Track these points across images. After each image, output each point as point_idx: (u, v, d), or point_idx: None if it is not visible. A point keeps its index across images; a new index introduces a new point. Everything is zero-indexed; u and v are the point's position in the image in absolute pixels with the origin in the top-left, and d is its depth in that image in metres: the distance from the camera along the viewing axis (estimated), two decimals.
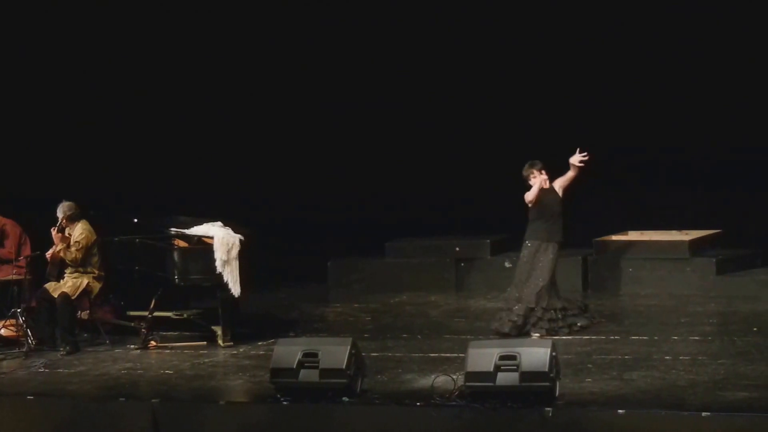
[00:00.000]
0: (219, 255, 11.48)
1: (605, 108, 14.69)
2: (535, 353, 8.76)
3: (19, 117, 15.73)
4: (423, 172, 15.03)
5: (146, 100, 15.91)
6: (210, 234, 11.68)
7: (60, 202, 11.74)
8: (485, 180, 14.35)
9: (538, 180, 11.27)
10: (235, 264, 11.52)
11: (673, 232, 14.21)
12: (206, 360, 11.01)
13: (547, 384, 8.68)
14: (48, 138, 15.79)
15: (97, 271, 11.76)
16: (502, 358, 8.75)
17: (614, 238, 14.27)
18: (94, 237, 11.76)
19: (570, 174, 11.38)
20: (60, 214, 11.68)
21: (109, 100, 15.93)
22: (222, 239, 11.54)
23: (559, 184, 11.43)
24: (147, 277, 11.88)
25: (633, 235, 14.34)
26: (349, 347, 9.19)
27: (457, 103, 15.24)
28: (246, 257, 11.60)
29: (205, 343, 11.62)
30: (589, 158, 11.20)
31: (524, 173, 11.34)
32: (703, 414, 8.29)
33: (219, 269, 11.45)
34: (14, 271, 12.03)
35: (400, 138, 15.34)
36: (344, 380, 9.11)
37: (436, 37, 15.26)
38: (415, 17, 15.22)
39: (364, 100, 15.47)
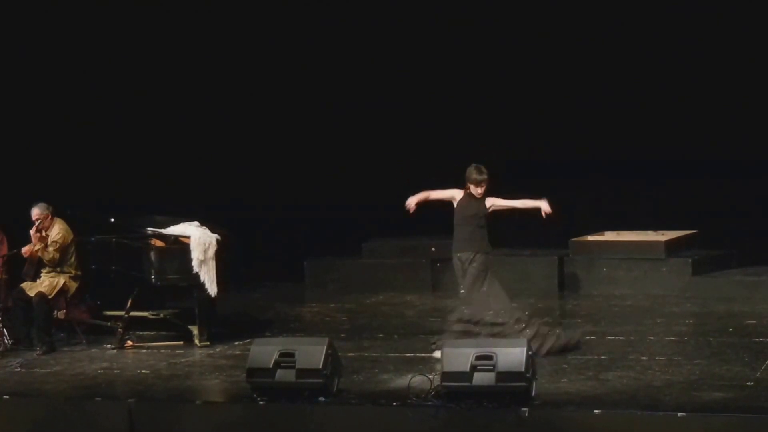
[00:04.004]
0: (196, 255, 11.46)
1: (583, 109, 14.75)
2: (512, 353, 8.78)
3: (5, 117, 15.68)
4: (399, 172, 15.03)
5: (124, 99, 15.87)
6: (187, 234, 11.66)
7: (37, 201, 11.72)
8: (461, 180, 14.37)
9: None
10: (212, 264, 11.51)
11: (649, 232, 14.27)
12: (183, 360, 10.99)
13: (524, 384, 8.70)
14: (26, 137, 15.74)
15: (73, 271, 11.73)
16: (478, 358, 8.77)
17: (590, 238, 14.32)
18: (71, 236, 11.73)
19: (517, 206, 10.60)
20: (35, 215, 11.63)
21: (86, 99, 15.89)
22: (199, 239, 11.53)
23: (493, 202, 10.54)
24: (123, 277, 11.86)
25: (609, 236, 14.40)
26: (325, 347, 9.20)
27: (433, 105, 15.26)
28: (222, 257, 11.60)
29: (181, 342, 11.60)
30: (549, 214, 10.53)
31: (479, 178, 10.46)
32: (679, 414, 8.32)
33: (196, 269, 11.43)
34: None
35: (376, 138, 15.35)
36: (320, 380, 9.12)
37: (417, 39, 15.28)
38: (403, 18, 15.24)
39: (341, 102, 15.47)
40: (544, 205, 10.57)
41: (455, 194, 10.63)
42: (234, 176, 15.65)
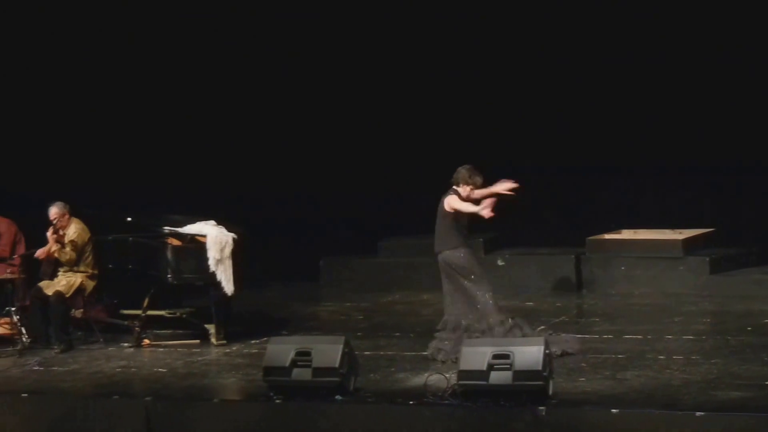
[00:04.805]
0: (212, 254, 11.48)
1: (598, 106, 14.71)
2: (529, 352, 8.76)
3: (15, 114, 15.73)
4: (415, 170, 15.03)
5: (138, 99, 15.90)
6: (203, 233, 11.68)
7: (54, 200, 11.76)
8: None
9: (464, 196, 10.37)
10: (228, 263, 11.53)
11: (667, 230, 14.21)
12: (199, 358, 11.01)
13: (541, 383, 8.69)
14: (43, 136, 15.79)
15: (90, 270, 11.77)
16: (495, 356, 8.75)
17: (607, 236, 14.27)
18: (88, 235, 11.77)
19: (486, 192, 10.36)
20: (53, 214, 11.67)
21: (102, 98, 15.93)
22: (215, 238, 11.54)
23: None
24: (140, 276, 11.88)
25: (626, 234, 14.35)
26: (341, 346, 9.20)
27: (450, 102, 15.25)
28: (239, 256, 11.60)
29: (198, 341, 11.63)
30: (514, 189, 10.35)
31: (470, 179, 10.36)
32: (697, 414, 8.28)
33: (212, 268, 11.45)
34: (8, 269, 12.04)
35: (392, 136, 15.34)
36: (337, 379, 9.12)
37: (434, 37, 15.26)
38: (418, 13, 15.23)
39: (355, 99, 15.45)
40: (503, 186, 10.35)
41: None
42: (250, 175, 15.65)
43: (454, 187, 10.49)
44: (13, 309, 11.62)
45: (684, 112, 14.52)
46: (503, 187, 10.38)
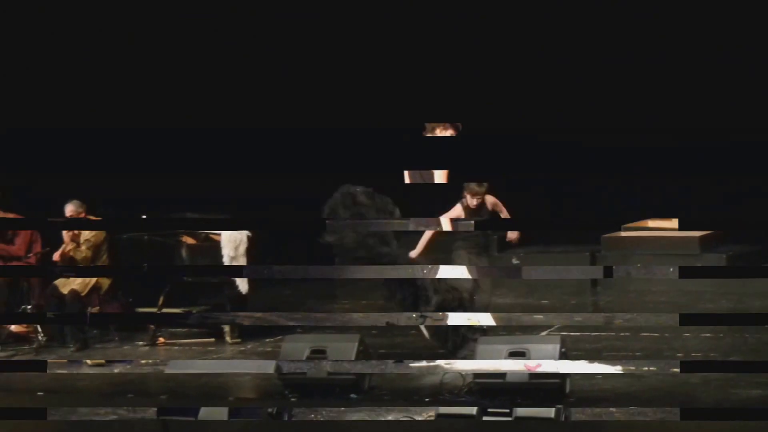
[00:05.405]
0: (227, 252, 11.48)
1: (600, 105, 14.64)
2: (545, 349, 8.73)
3: (25, 112, 15.74)
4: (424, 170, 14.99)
5: (148, 96, 15.90)
6: (217, 230, 11.67)
7: (69, 199, 11.76)
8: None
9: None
10: (243, 261, 11.52)
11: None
12: (214, 356, 11.01)
13: (558, 381, 8.65)
14: (53, 136, 15.79)
15: None
16: (511, 354, 8.72)
17: (623, 234, 14.21)
18: (103, 234, 11.77)
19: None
20: (69, 212, 11.67)
21: (105, 98, 15.93)
22: (230, 236, 11.54)
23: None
24: (155, 274, 11.87)
25: (642, 231, 14.27)
26: (357, 344, 9.18)
27: (452, 101, 15.19)
28: (253, 254, 11.59)
29: (212, 339, 11.62)
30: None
31: (467, 187, 10.95)
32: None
33: None
34: None
35: (398, 136, 15.29)
36: (352, 377, 9.08)
37: (426, 33, 15.20)
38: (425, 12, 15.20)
39: (359, 98, 15.40)
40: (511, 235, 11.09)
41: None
42: (265, 173, 15.63)
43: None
44: (29, 307, 11.63)
45: (690, 110, 14.44)
46: (510, 235, 11.12)
